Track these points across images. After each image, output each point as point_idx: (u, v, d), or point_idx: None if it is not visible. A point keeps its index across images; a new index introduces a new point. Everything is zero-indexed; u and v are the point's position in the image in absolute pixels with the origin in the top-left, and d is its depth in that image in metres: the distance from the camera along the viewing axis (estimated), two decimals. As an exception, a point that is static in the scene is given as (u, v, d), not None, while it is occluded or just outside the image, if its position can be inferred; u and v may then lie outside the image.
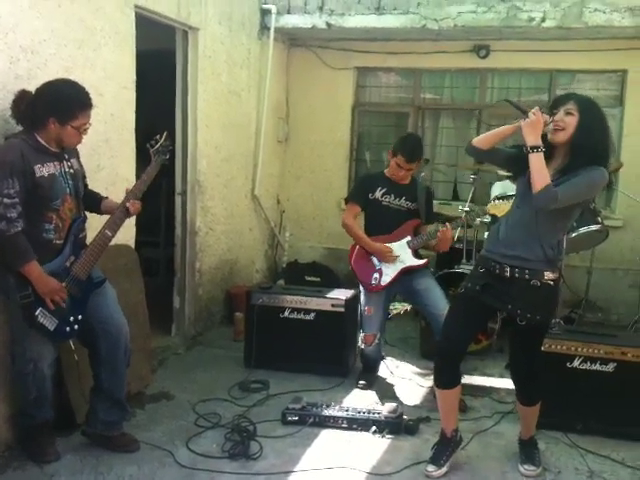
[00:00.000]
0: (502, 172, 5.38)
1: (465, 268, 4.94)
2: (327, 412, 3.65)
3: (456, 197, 6.30)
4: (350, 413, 3.65)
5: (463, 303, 3.11)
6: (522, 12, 5.22)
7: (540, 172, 2.75)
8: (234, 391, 4.05)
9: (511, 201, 4.46)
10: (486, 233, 4.92)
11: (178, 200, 4.88)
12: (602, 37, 5.51)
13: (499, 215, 4.09)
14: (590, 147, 2.80)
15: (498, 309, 3.11)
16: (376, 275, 4.13)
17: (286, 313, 4.40)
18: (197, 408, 3.77)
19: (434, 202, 4.46)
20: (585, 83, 6.08)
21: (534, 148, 2.76)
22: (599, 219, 4.76)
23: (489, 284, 2.96)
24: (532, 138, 2.77)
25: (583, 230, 4.66)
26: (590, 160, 2.80)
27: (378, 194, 4.17)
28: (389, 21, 5.51)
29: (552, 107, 2.90)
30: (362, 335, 4.26)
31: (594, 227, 4.70)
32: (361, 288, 4.27)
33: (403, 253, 4.11)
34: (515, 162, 3.00)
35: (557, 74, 6.03)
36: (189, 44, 4.77)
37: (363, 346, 4.26)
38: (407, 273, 4.12)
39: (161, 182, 5.35)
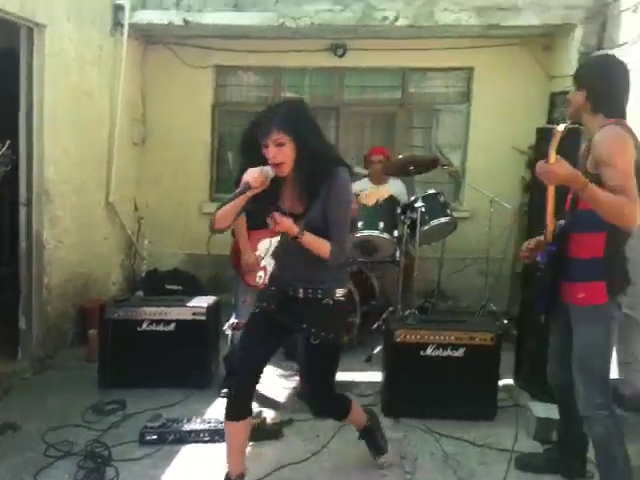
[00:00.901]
0: (358, 170, 5.54)
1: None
2: (188, 427, 3.56)
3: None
4: (212, 425, 3.58)
5: (260, 322, 2.93)
6: (377, 11, 5.34)
7: (318, 249, 2.67)
8: (88, 415, 3.83)
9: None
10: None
11: (22, 211, 4.55)
12: (451, 36, 5.76)
13: (369, 205, 4.12)
14: (316, 162, 2.62)
15: (293, 330, 2.92)
16: (261, 274, 4.06)
17: (144, 326, 4.21)
18: (47, 437, 3.52)
19: None
20: (435, 80, 6.33)
21: (295, 238, 2.66)
22: (448, 211, 4.99)
23: (283, 304, 2.88)
24: (289, 232, 2.65)
25: (434, 223, 4.86)
26: (325, 171, 2.65)
27: None
28: (247, 18, 5.46)
29: (257, 140, 2.63)
30: (233, 322, 4.14)
31: (444, 220, 4.92)
32: (237, 279, 4.18)
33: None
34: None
35: (409, 72, 6.24)
36: (35, 42, 4.45)
37: (231, 332, 4.16)
38: None
39: (2, 192, 4.97)
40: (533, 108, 5.47)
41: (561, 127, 2.47)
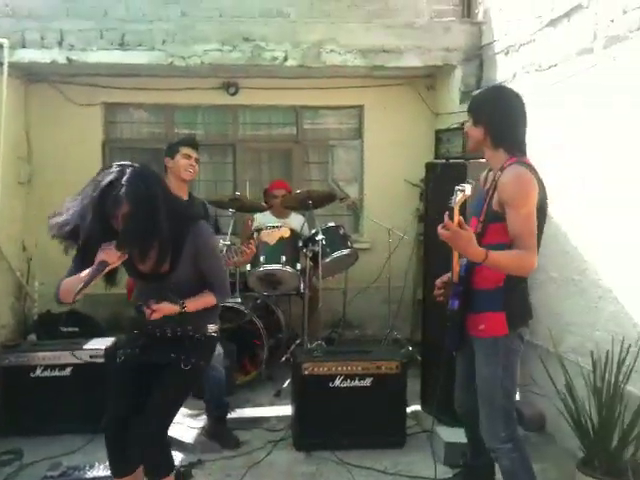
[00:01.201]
0: (259, 204, 5.57)
1: (230, 301, 4.93)
2: (91, 474, 3.41)
3: (218, 231, 6.31)
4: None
5: (124, 373, 2.84)
6: (266, 51, 5.42)
7: (205, 306, 2.79)
8: (-19, 468, 3.57)
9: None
10: (248, 266, 5.00)
11: None
12: (340, 75, 5.96)
13: (271, 243, 4.12)
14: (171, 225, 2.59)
15: (162, 363, 2.77)
16: None
17: (38, 372, 4.02)
18: None
19: None
20: (329, 117, 6.52)
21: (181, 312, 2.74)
22: (349, 243, 5.10)
23: (149, 345, 2.82)
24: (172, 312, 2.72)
25: (336, 255, 4.94)
26: (182, 230, 2.68)
27: None
28: (134, 57, 5.36)
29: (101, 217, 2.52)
30: None
31: (345, 251, 5.01)
32: None
33: None
34: None
35: (302, 110, 6.39)
36: None
37: None
38: None
39: None
40: (422, 143, 5.71)
41: (468, 190, 2.43)
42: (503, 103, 2.73)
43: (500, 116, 2.69)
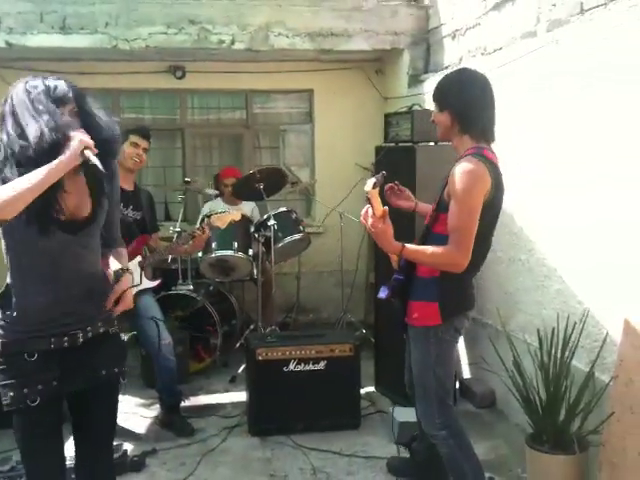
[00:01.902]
0: (209, 191, 5.52)
1: (183, 288, 4.89)
2: (41, 466, 3.31)
3: (168, 217, 6.25)
4: (68, 462, 3.34)
5: (44, 425, 2.09)
6: (212, 34, 5.33)
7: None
8: None
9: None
10: (200, 253, 4.94)
11: None
12: (290, 59, 5.91)
13: (222, 227, 4.09)
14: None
15: (85, 386, 2.13)
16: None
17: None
18: None
19: None
20: (279, 102, 6.49)
21: None
22: (301, 228, 5.09)
23: (65, 365, 2.06)
24: None
25: (288, 240, 4.93)
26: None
27: None
28: (76, 41, 5.19)
29: None
30: None
31: (297, 236, 5.00)
32: None
33: (135, 275, 3.87)
34: None
35: (252, 94, 6.33)
36: None
37: None
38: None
39: None
40: (372, 127, 5.72)
41: (369, 185, 2.40)
42: (468, 86, 2.63)
43: (465, 100, 2.59)
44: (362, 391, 4.05)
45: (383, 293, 2.72)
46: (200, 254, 4.88)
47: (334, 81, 6.22)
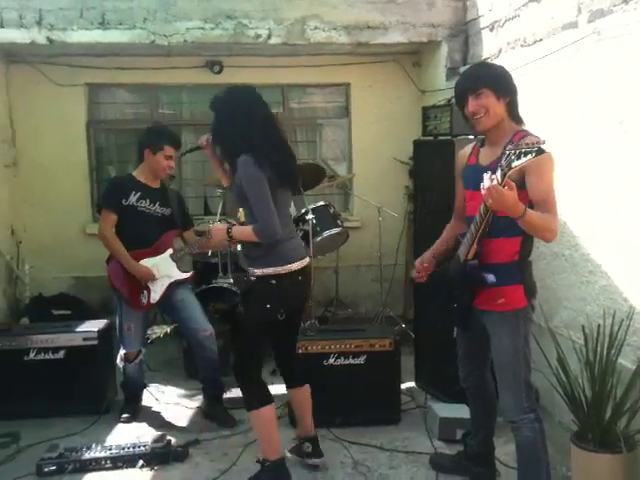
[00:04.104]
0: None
1: (222, 282, 4.95)
2: (88, 455, 3.42)
3: (208, 211, 6.31)
4: (114, 451, 3.45)
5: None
6: (249, 29, 5.35)
7: (248, 238, 3.03)
8: (-23, 451, 3.59)
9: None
10: (239, 245, 4.98)
11: None
12: (325, 53, 5.91)
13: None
14: (225, 149, 3.12)
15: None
16: (144, 294, 3.92)
17: (31, 355, 4.02)
18: None
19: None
20: (315, 96, 6.48)
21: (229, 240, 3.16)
22: (339, 222, 5.11)
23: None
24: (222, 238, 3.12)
25: (326, 234, 4.95)
26: (231, 154, 3.05)
27: (133, 199, 3.92)
28: (115, 36, 5.26)
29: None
30: (122, 353, 4.02)
31: (335, 230, 5.02)
32: (119, 304, 4.01)
33: (168, 267, 3.95)
34: None
35: (288, 88, 6.34)
36: None
37: (123, 364, 4.03)
38: (172, 286, 3.99)
39: None
40: (409, 121, 5.68)
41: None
42: (510, 75, 2.76)
43: (515, 87, 2.73)
44: (402, 386, 4.05)
45: (490, 277, 2.68)
46: (239, 247, 4.90)
47: (370, 74, 6.20)
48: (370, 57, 6.07)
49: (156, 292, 3.95)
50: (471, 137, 3.96)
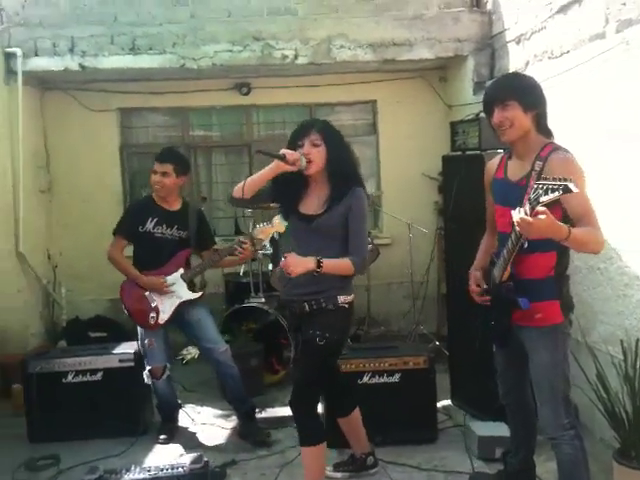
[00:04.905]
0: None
1: (255, 301, 4.98)
2: (127, 477, 3.39)
3: (238, 232, 6.35)
4: (152, 473, 3.43)
5: None
6: (276, 50, 5.44)
7: (340, 271, 2.94)
8: (19, 473, 3.65)
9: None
10: (270, 265, 5.02)
11: None
12: (352, 71, 5.96)
13: (264, 239, 4.10)
14: (344, 173, 2.98)
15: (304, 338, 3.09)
16: (153, 314, 3.96)
17: (69, 377, 4.09)
18: (-24, 501, 3.32)
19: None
20: (343, 114, 6.51)
21: (316, 271, 2.87)
22: (369, 239, 5.09)
23: (295, 322, 3.15)
24: (307, 269, 2.86)
25: (357, 251, 4.93)
26: (349, 184, 2.98)
27: (150, 225, 3.98)
28: (146, 61, 5.40)
29: (294, 140, 3.01)
30: (147, 370, 4.04)
31: (366, 248, 5.00)
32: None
33: (178, 287, 3.98)
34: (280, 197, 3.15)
35: (316, 107, 6.39)
36: None
37: (151, 382, 4.06)
38: (182, 305, 4.01)
39: None
40: (437, 136, 5.70)
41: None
42: (538, 87, 2.73)
43: (544, 100, 2.71)
44: (438, 404, 4.02)
45: (526, 303, 2.64)
46: (270, 267, 4.95)
47: (397, 91, 6.23)
48: (396, 74, 6.10)
49: (165, 312, 3.98)
50: (500, 151, 3.95)
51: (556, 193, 2.22)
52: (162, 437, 4.04)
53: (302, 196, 3.06)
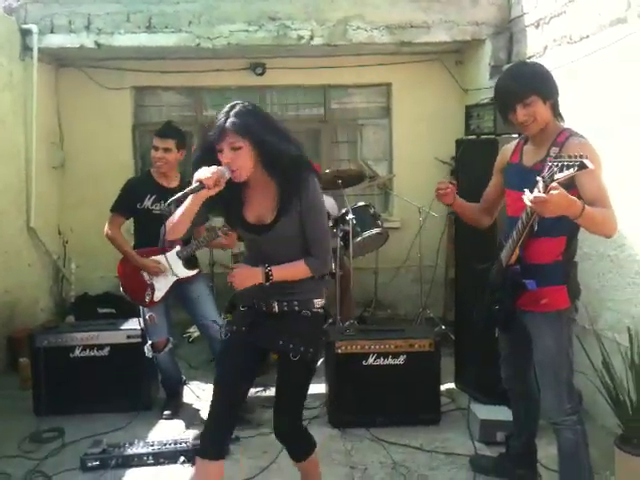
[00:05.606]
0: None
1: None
2: (130, 451, 3.48)
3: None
4: (155, 447, 3.51)
5: (231, 350, 2.62)
6: (292, 30, 5.40)
7: (295, 276, 2.49)
8: (25, 444, 3.70)
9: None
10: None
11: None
12: (367, 53, 5.92)
13: None
14: (284, 165, 2.39)
15: (269, 349, 2.68)
16: (148, 292, 3.98)
17: (77, 352, 4.12)
18: (-19, 470, 3.36)
19: None
20: (356, 96, 6.48)
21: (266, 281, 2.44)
22: (379, 222, 5.09)
23: (255, 323, 2.57)
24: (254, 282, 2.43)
25: (366, 234, 4.95)
26: (295, 176, 2.41)
27: (148, 202, 3.98)
28: (161, 40, 5.38)
29: (207, 151, 2.43)
30: (149, 344, 4.06)
31: (375, 231, 5.01)
32: None
33: (174, 265, 3.96)
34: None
35: (330, 89, 6.35)
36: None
37: (152, 355, 4.07)
38: (181, 281, 4.02)
39: None
40: (451, 120, 5.65)
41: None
42: (551, 76, 2.69)
43: (557, 86, 2.67)
44: (442, 387, 4.01)
45: (533, 285, 2.63)
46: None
47: (412, 74, 6.17)
48: (412, 56, 6.05)
49: (160, 290, 3.99)
50: (515, 136, 3.91)
51: (571, 170, 2.19)
52: (166, 413, 4.07)
53: (244, 200, 2.52)
